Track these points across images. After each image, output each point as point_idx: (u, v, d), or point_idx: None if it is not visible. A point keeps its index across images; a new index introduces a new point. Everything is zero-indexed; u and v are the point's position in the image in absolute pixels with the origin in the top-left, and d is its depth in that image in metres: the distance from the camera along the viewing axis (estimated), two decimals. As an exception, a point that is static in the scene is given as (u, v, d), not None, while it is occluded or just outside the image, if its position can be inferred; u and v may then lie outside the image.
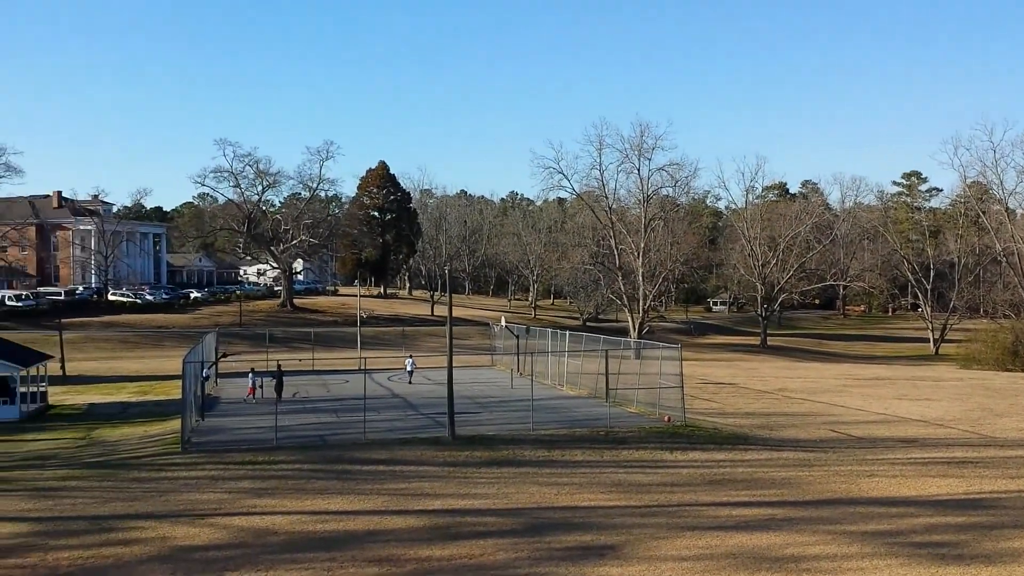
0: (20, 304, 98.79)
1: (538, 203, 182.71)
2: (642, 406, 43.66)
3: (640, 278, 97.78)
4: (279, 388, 47.37)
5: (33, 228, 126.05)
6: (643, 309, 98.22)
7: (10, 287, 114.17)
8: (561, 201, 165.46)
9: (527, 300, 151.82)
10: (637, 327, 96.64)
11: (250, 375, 50.02)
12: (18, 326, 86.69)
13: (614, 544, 21.56)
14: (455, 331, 40.11)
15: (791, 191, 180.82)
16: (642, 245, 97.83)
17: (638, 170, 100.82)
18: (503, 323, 67.78)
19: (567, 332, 59.21)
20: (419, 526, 23.54)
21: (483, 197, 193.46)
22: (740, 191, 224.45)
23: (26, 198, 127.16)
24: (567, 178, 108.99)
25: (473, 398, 48.38)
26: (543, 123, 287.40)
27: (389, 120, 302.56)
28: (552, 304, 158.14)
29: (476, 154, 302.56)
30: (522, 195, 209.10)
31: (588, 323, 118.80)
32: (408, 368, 58.46)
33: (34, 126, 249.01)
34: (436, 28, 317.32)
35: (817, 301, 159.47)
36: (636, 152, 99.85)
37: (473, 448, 34.16)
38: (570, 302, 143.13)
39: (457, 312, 43.54)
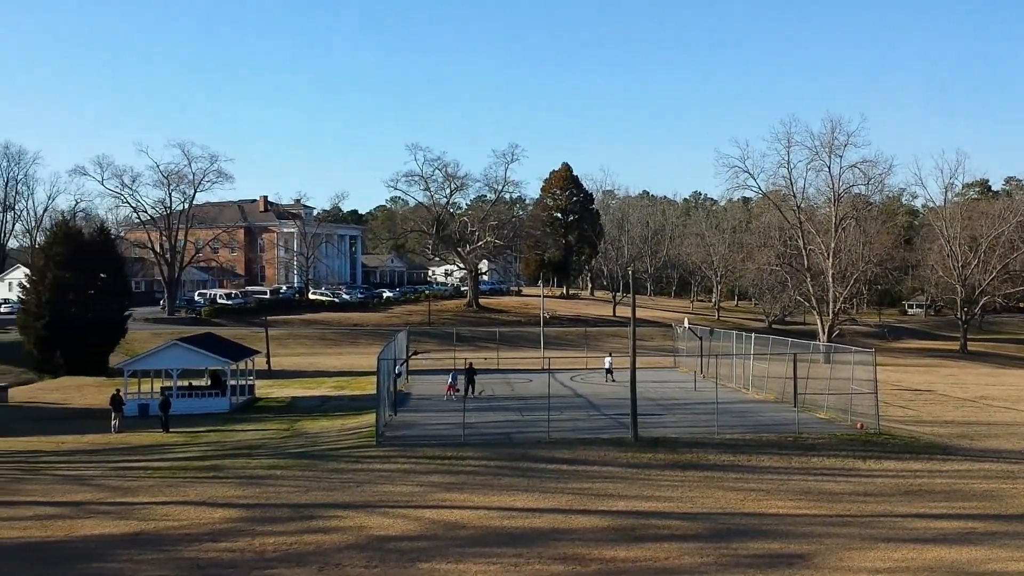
0: (230, 302, 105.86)
1: (722, 203, 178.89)
2: (832, 412, 42.15)
3: (830, 279, 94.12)
4: (470, 386, 48.78)
5: (242, 231, 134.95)
6: (833, 312, 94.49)
7: (221, 286, 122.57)
8: (746, 200, 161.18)
9: (710, 302, 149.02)
10: (826, 330, 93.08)
11: (452, 374, 51.47)
12: (228, 323, 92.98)
13: (804, 553, 21.03)
14: (637, 332, 40.04)
15: (993, 188, 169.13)
16: (832, 245, 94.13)
17: (828, 168, 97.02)
18: (686, 324, 66.99)
19: (752, 334, 57.84)
20: (603, 526, 23.74)
21: (665, 197, 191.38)
22: (938, 188, 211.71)
23: (235, 202, 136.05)
24: (753, 177, 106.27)
25: (655, 400, 48.10)
26: (728, 121, 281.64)
27: (572, 122, 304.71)
28: (736, 306, 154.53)
29: (658, 154, 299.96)
30: (706, 195, 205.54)
31: (774, 325, 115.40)
32: (606, 366, 58.94)
33: (243, 134, 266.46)
34: (619, 28, 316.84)
35: (1022, 305, 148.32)
36: (827, 149, 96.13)
37: (656, 450, 34.03)
38: (755, 304, 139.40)
39: (639, 313, 43.40)
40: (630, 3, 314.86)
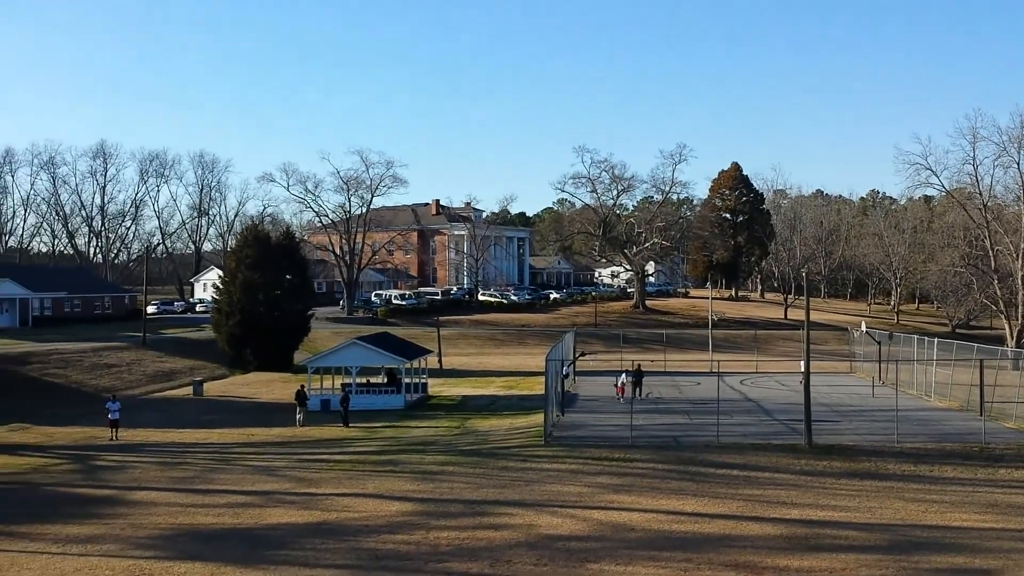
0: (404, 303, 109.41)
1: (902, 201, 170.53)
2: (1022, 421, 39.66)
3: (1019, 282, 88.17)
4: (637, 388, 48.73)
5: (415, 234, 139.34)
6: (1022, 316, 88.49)
7: (396, 287, 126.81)
8: (928, 199, 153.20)
9: (888, 305, 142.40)
10: (1015, 335, 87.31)
11: (622, 375, 51.51)
12: (402, 322, 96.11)
13: (991, 569, 19.99)
14: (811, 336, 38.88)
15: None
16: (1022, 247, 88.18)
17: (1018, 164, 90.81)
18: (863, 328, 64.43)
19: (935, 339, 55.07)
20: (775, 534, 23.26)
21: (840, 196, 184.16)
22: None
23: (409, 206, 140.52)
24: (935, 174, 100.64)
25: (830, 406, 46.57)
26: (908, 116, 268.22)
27: (742, 120, 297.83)
28: (917, 309, 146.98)
29: (833, 152, 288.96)
30: (884, 193, 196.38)
31: (958, 330, 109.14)
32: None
33: (417, 140, 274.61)
34: (789, 23, 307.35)
35: None
36: (1015, 144, 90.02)
37: (831, 457, 33.01)
38: (937, 307, 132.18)
39: (812, 316, 42.12)
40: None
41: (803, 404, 35.97)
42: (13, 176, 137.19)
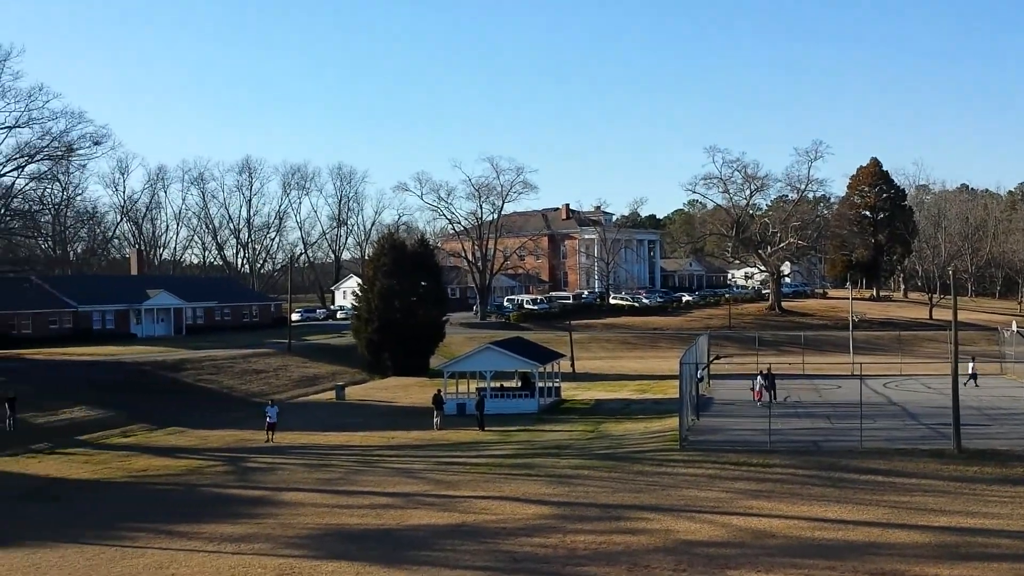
0: (536, 307, 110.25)
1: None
2: None
3: None
4: (770, 392, 47.73)
5: (546, 238, 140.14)
6: None
7: (527, 292, 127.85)
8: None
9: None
10: None
11: (756, 379, 50.55)
12: (534, 327, 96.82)
13: None
14: (958, 336, 37.25)
15: None
16: None
17: None
18: (1014, 328, 61.29)
19: (1098, 339, 51.87)
20: (924, 542, 22.48)
21: (987, 191, 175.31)
22: None
23: (540, 211, 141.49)
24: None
25: (980, 409, 44.47)
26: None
27: (880, 115, 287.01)
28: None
29: (978, 145, 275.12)
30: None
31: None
32: (970, 372, 54.77)
33: (545, 145, 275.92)
34: (921, 15, 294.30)
35: None
36: None
37: (983, 463, 31.57)
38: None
39: (960, 315, 40.35)
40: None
41: (951, 407, 34.51)
42: (166, 192, 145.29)
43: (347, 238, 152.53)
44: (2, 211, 64.23)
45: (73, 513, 29.27)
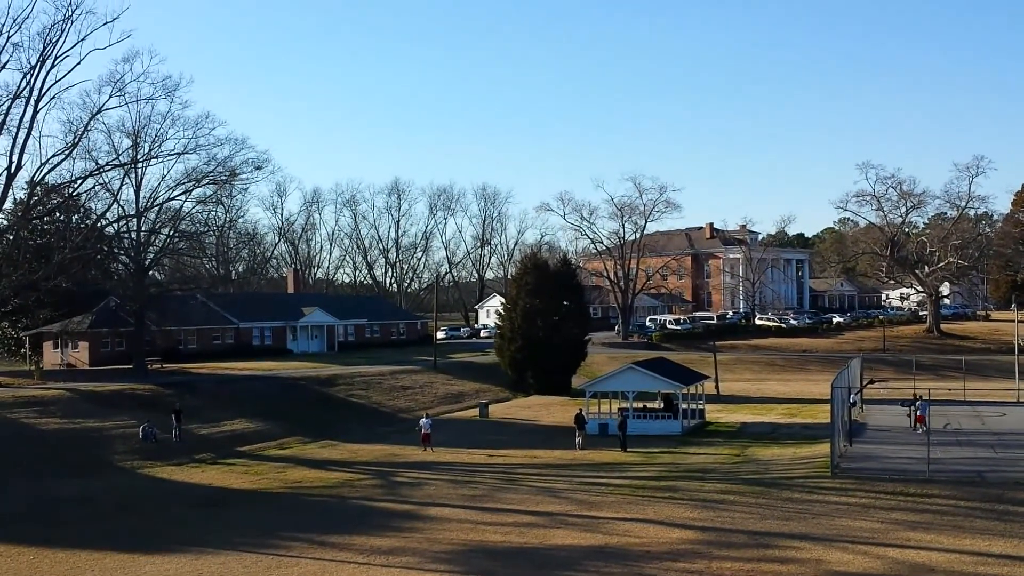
0: (678, 327, 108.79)
1: None
2: None
3: None
4: (913, 416, 45.80)
5: (689, 258, 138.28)
6: None
7: (670, 312, 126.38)
8: None
9: None
10: None
11: (917, 403, 48.37)
12: (677, 347, 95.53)
13: None
14: None
15: None
16: None
17: None
18: None
19: None
20: (1102, 585, 20.96)
21: None
22: None
23: (683, 230, 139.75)
24: None
25: None
26: None
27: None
28: None
29: None
30: None
31: None
32: None
33: (689, 163, 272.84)
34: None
35: None
36: None
37: None
38: None
39: None
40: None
41: None
42: (320, 214, 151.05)
43: (490, 258, 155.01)
44: (171, 233, 68.19)
45: (233, 522, 30.67)
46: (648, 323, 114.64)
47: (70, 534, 28.98)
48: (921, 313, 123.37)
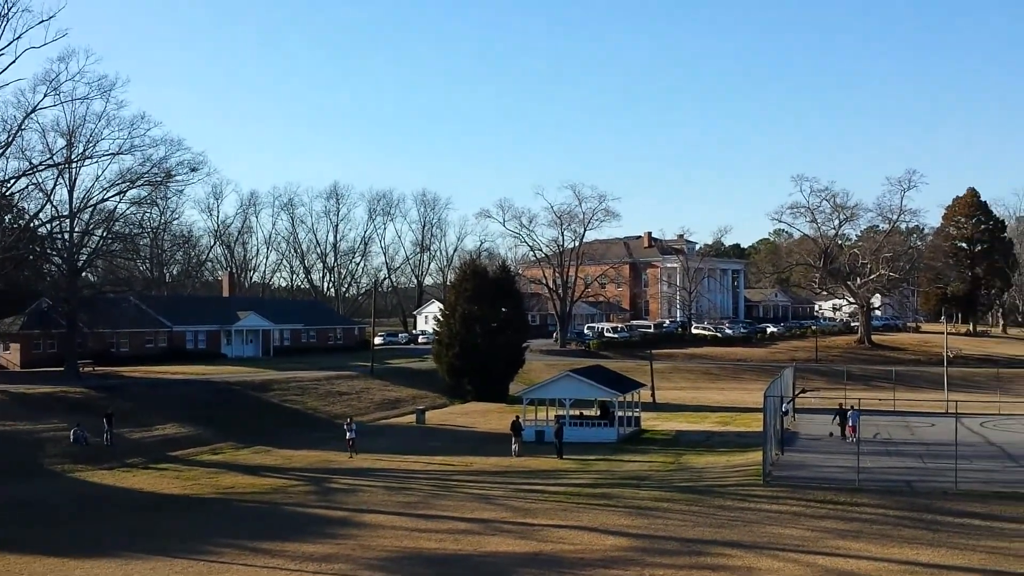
0: (616, 335, 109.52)
1: None
2: None
3: None
4: (842, 428, 46.73)
5: (627, 266, 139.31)
6: None
7: (608, 320, 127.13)
8: None
9: None
10: None
11: (848, 414, 49.10)
12: (614, 355, 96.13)
13: None
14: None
15: None
16: None
17: None
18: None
19: None
20: (1023, 592, 21.44)
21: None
22: None
23: (621, 239, 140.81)
24: None
25: (1088, 453, 42.43)
26: None
27: (979, 143, 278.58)
28: None
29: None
30: None
31: None
32: None
33: (628, 173, 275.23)
34: (1018, 34, 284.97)
35: None
36: None
37: (1091, 511, 30.03)
38: None
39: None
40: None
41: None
42: (257, 217, 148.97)
43: (430, 264, 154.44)
44: (105, 234, 66.78)
45: (164, 527, 30.03)
46: (586, 331, 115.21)
47: (-6, 539, 28.14)
48: (853, 324, 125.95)
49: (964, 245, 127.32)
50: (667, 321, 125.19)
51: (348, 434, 46.28)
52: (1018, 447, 44.99)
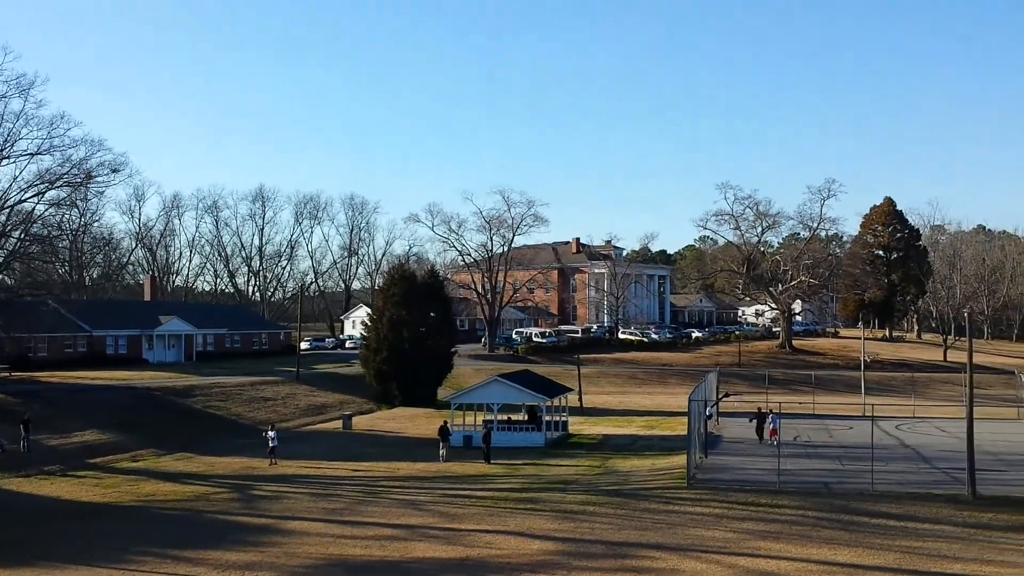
0: (544, 340, 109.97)
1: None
2: None
3: None
4: (759, 430, 47.74)
5: (555, 272, 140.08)
6: None
7: (536, 325, 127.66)
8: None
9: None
10: None
11: (769, 418, 50.01)
12: (542, 360, 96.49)
13: None
14: (974, 379, 36.94)
15: None
16: None
17: None
18: (1032, 372, 60.74)
19: (1115, 384, 51.38)
20: (935, 589, 22.12)
21: (1005, 232, 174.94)
22: None
23: (550, 245, 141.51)
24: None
25: (996, 455, 43.92)
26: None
27: (896, 154, 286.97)
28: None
29: (995, 185, 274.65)
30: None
31: None
32: None
33: (556, 179, 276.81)
34: (950, 49, 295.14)
35: None
36: None
37: (998, 509, 31.15)
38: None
39: (975, 358, 39.98)
40: (950, 15, 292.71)
41: (966, 452, 34.15)
42: (180, 219, 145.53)
43: (358, 268, 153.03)
44: (22, 236, 64.65)
45: (84, 536, 29.25)
46: (514, 336, 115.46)
47: None
48: (775, 329, 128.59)
49: (881, 253, 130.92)
50: (595, 326, 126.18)
51: (269, 442, 45.25)
52: (932, 449, 46.48)
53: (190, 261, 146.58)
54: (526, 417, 54.35)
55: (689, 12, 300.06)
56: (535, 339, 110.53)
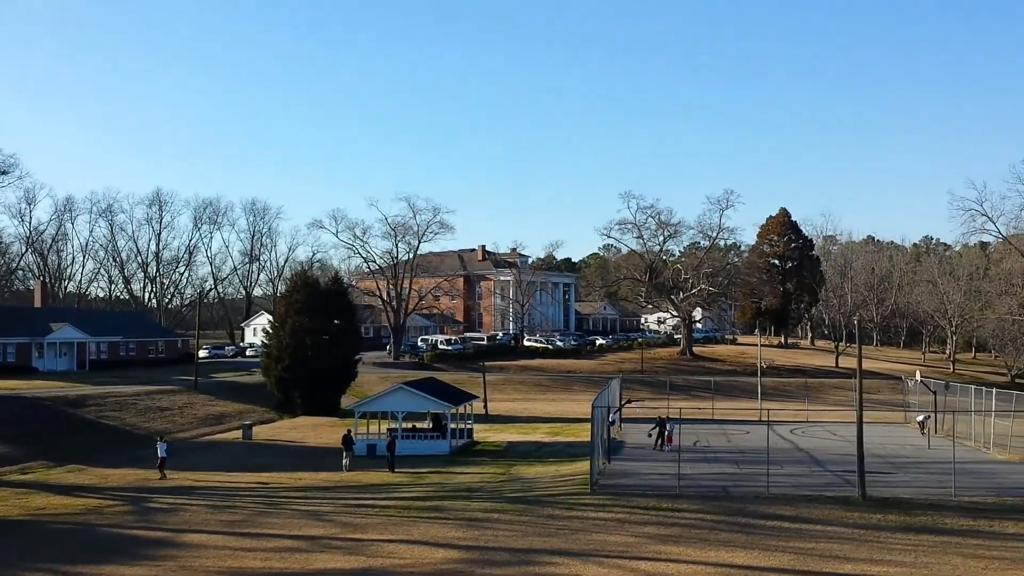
0: (450, 348, 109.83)
1: (956, 248, 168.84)
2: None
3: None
4: (659, 437, 48.70)
5: (461, 279, 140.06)
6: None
7: (442, 332, 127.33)
8: (984, 245, 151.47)
9: (944, 353, 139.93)
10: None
11: (668, 424, 50.74)
12: (448, 367, 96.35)
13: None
14: (864, 385, 38.32)
15: None
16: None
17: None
18: (918, 377, 63.29)
19: (993, 389, 53.91)
20: (827, 589, 22.81)
21: (892, 243, 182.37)
22: None
23: (456, 252, 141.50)
24: (992, 220, 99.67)
25: (884, 457, 45.68)
26: (961, 161, 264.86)
27: (790, 166, 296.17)
28: (974, 358, 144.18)
29: (884, 198, 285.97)
30: (937, 239, 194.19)
31: (1017, 380, 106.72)
32: (919, 419, 55.80)
33: (462, 186, 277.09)
34: (842, 64, 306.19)
35: None
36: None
37: (886, 511, 32.32)
38: (995, 356, 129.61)
39: (865, 364, 41.51)
40: (850, 37, 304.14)
41: (856, 455, 35.37)
42: (73, 223, 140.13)
43: (259, 274, 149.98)
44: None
45: (-40, 555, 27.82)
46: (420, 343, 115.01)
47: None
48: (676, 336, 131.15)
49: (776, 262, 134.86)
50: (500, 333, 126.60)
51: (159, 453, 43.32)
52: (824, 452, 48.02)
53: (83, 267, 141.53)
54: (431, 425, 54.14)
55: (591, 20, 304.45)
56: (441, 346, 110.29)
